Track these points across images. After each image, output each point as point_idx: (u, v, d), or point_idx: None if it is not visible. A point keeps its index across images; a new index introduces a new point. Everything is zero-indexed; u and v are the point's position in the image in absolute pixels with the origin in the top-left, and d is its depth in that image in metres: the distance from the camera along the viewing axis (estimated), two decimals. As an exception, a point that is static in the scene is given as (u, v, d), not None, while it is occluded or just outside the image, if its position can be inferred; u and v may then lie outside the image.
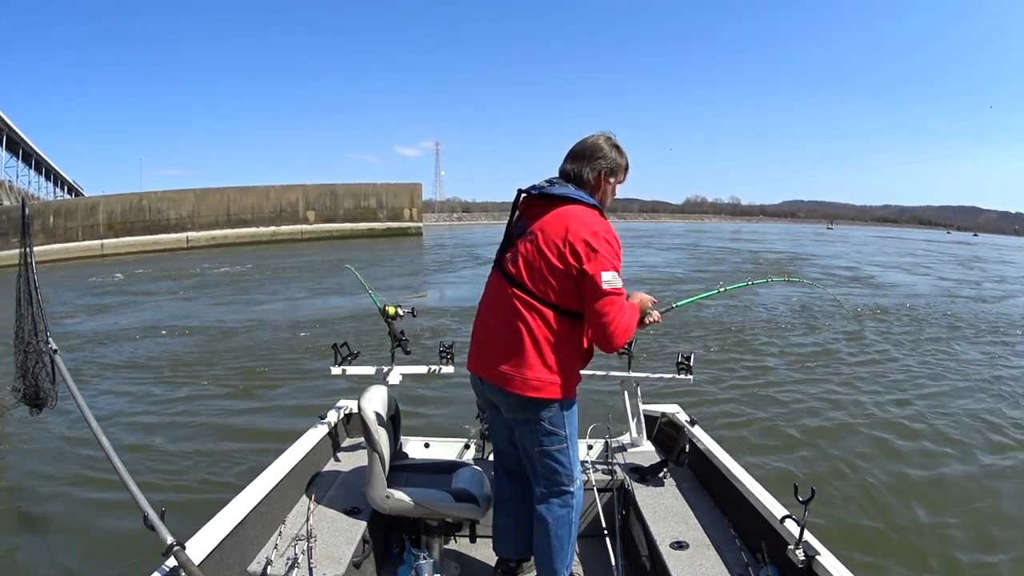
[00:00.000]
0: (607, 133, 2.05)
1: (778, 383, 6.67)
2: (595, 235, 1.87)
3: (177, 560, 1.62)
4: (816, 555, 1.75)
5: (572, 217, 1.91)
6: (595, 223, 1.91)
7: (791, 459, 4.66)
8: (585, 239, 1.86)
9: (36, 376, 1.92)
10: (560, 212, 1.93)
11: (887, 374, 7.23)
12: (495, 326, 1.98)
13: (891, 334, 9.66)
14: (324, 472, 2.67)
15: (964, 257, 34.32)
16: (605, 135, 2.05)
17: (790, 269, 20.99)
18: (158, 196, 31.74)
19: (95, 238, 28.40)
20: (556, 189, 1.96)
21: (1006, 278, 21.39)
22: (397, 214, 38.93)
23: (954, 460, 4.71)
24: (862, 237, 65.10)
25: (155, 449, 4.87)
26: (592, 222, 1.90)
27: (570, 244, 1.86)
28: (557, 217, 1.92)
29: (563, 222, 1.90)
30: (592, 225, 1.89)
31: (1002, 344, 9.19)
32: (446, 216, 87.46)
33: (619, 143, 2.05)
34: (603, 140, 2.02)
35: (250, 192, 34.62)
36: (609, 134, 2.05)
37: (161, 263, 23.39)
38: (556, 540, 2.05)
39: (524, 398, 1.93)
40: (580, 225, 1.88)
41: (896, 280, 18.91)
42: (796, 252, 31.86)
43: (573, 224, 1.89)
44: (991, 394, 6.49)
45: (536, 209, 1.99)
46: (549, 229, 1.91)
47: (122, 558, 3.17)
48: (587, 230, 1.87)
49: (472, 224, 78.47)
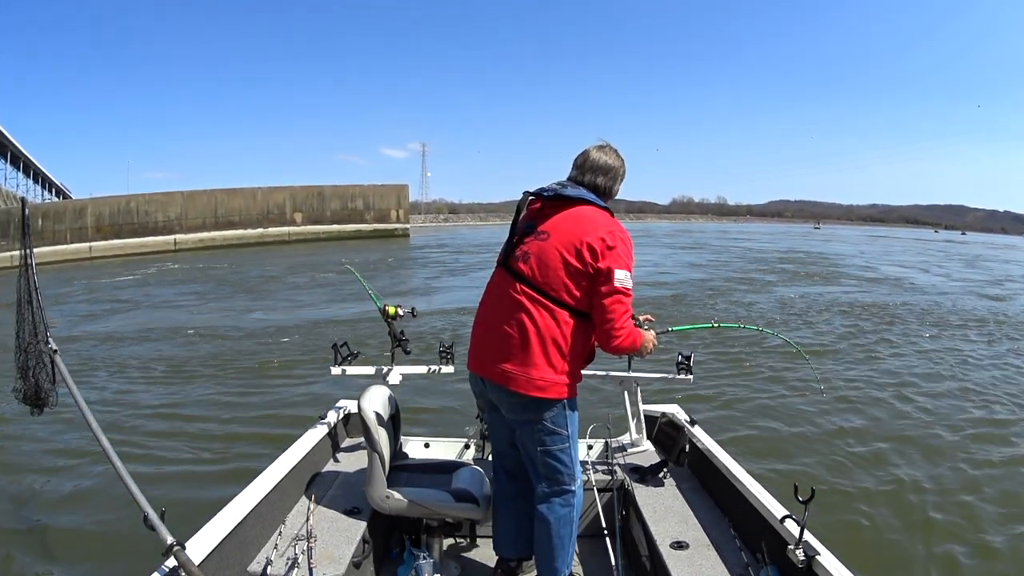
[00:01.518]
0: (611, 144, 2.14)
1: (779, 383, 6.71)
2: (611, 234, 1.94)
3: (177, 560, 1.63)
4: (816, 555, 1.77)
5: (587, 217, 1.97)
6: (610, 223, 1.98)
7: (791, 459, 4.69)
8: (602, 236, 1.92)
9: (36, 376, 1.93)
10: (574, 212, 1.99)
11: (888, 373, 7.30)
12: (499, 325, 2.00)
13: (891, 334, 9.75)
14: (324, 472, 2.69)
15: (969, 256, 35.20)
16: (610, 146, 2.13)
17: (824, 272, 21.13)
18: (146, 199, 31.76)
19: (83, 241, 28.28)
20: (570, 191, 2.01)
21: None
22: (384, 215, 39.25)
23: (954, 460, 4.75)
24: (855, 236, 65.82)
25: (155, 449, 4.88)
26: (607, 223, 1.98)
27: (587, 243, 1.91)
28: (572, 217, 1.98)
29: (579, 222, 1.96)
30: (608, 225, 1.96)
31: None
32: (432, 217, 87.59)
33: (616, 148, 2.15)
34: (614, 154, 2.11)
35: (237, 194, 34.67)
36: (613, 145, 2.14)
37: (149, 266, 23.30)
38: (558, 539, 2.08)
39: (528, 398, 1.95)
40: (596, 224, 1.95)
41: (917, 279, 19.25)
42: (822, 252, 32.37)
43: (590, 224, 1.95)
44: (993, 392, 6.57)
45: (548, 210, 2.03)
46: (564, 228, 1.96)
47: (122, 558, 3.18)
48: (604, 229, 1.94)
49: (458, 225, 78.74)
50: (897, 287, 17.10)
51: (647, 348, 2.12)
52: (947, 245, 51.58)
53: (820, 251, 33.85)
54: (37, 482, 4.36)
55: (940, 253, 37.70)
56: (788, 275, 19.59)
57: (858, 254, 32.86)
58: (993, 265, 28.81)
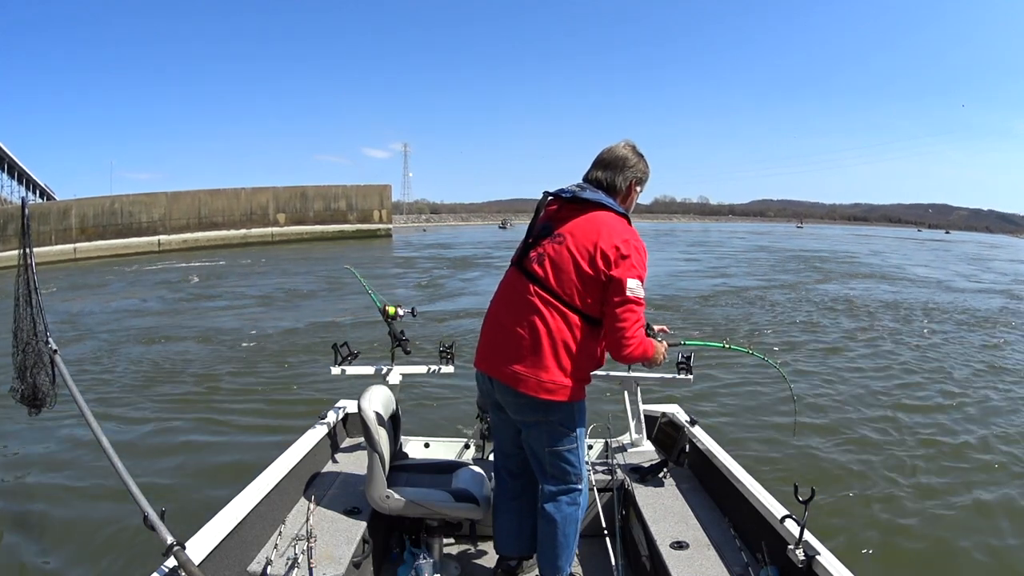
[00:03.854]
0: (630, 142, 2.14)
1: (778, 382, 6.74)
2: (626, 242, 1.95)
3: (177, 560, 1.65)
4: (816, 555, 1.79)
5: (604, 224, 1.98)
6: (625, 231, 1.99)
7: (791, 459, 4.75)
8: (616, 245, 1.93)
9: (35, 376, 1.95)
10: (591, 217, 2.00)
11: (890, 372, 7.40)
12: (511, 326, 2.01)
13: (888, 332, 9.86)
14: (324, 472, 2.72)
15: (973, 255, 35.78)
16: (630, 144, 2.13)
17: (858, 272, 21.41)
18: (130, 199, 31.78)
19: (68, 242, 28.14)
20: (588, 194, 2.02)
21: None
22: (367, 216, 39.60)
23: (955, 460, 4.82)
24: (838, 235, 66.39)
25: (155, 449, 4.93)
26: (623, 230, 1.98)
27: (601, 250, 1.93)
28: (588, 222, 1.99)
29: (595, 227, 1.97)
30: (623, 233, 1.97)
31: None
32: (414, 218, 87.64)
33: (641, 152, 2.14)
34: (631, 150, 2.11)
35: (221, 195, 34.84)
36: (632, 143, 2.14)
37: (139, 267, 23.20)
38: (563, 538, 2.12)
39: (537, 400, 1.97)
40: (612, 232, 1.96)
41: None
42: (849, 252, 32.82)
43: (605, 230, 1.96)
44: (992, 390, 6.68)
45: (565, 213, 2.05)
46: (580, 233, 1.97)
47: (122, 558, 3.22)
48: (619, 237, 1.95)
49: (440, 226, 78.92)
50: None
51: (657, 359, 2.14)
52: (952, 245, 52.31)
53: (847, 250, 34.35)
54: (37, 482, 4.40)
55: (948, 253, 38.30)
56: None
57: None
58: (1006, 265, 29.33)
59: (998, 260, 33.89)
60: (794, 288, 16.26)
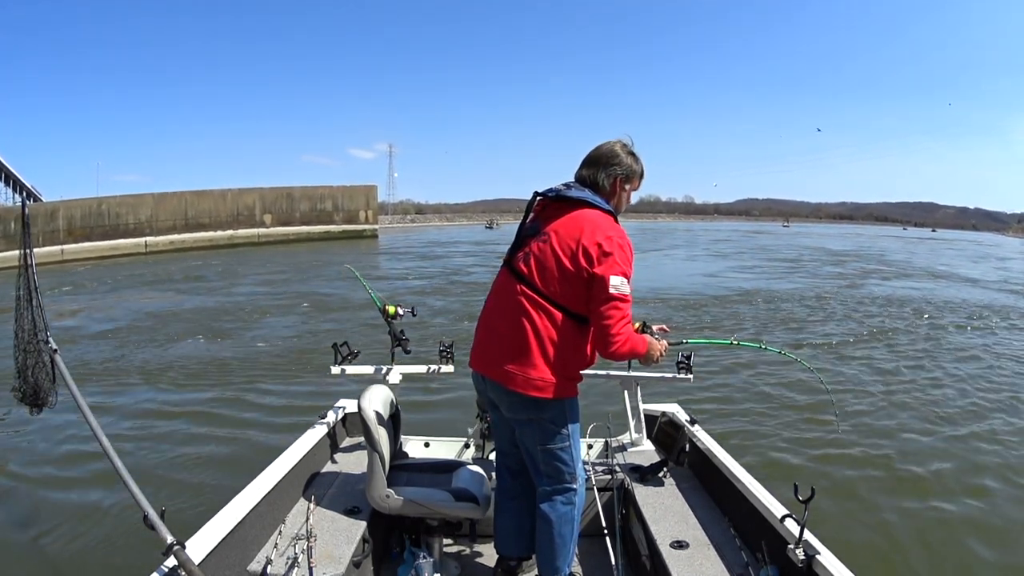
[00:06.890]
0: (623, 140, 2.16)
1: (779, 382, 6.83)
2: (609, 239, 1.97)
3: (177, 559, 1.68)
4: (816, 555, 1.82)
5: (587, 221, 2.01)
6: (609, 228, 2.01)
7: (791, 459, 4.79)
8: (599, 242, 1.96)
9: (36, 376, 1.98)
10: (575, 215, 2.03)
11: (891, 371, 7.48)
12: (501, 325, 2.07)
13: (891, 332, 9.93)
14: (324, 472, 2.75)
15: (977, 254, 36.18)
16: (621, 142, 2.15)
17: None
18: (117, 201, 31.87)
19: (55, 244, 28.06)
20: (573, 192, 2.06)
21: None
22: (353, 216, 39.97)
23: (955, 460, 4.87)
24: (826, 233, 66.64)
25: (155, 449, 4.98)
26: (606, 227, 2.01)
27: (583, 247, 1.96)
28: (572, 220, 2.03)
29: (578, 225, 2.00)
30: (607, 230, 2.00)
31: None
32: (400, 218, 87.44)
33: (634, 150, 2.16)
34: (619, 147, 2.13)
35: (207, 196, 35.04)
36: (625, 141, 2.16)
37: (132, 268, 23.19)
38: (559, 538, 2.15)
39: (527, 397, 2.02)
40: (594, 229, 1.98)
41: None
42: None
43: (588, 227, 1.99)
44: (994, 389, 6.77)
45: (551, 211, 2.09)
46: (563, 231, 2.01)
47: (122, 557, 3.25)
48: (601, 234, 1.97)
49: (425, 226, 79.15)
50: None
51: (653, 356, 2.17)
52: (946, 243, 52.77)
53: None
54: (37, 482, 4.45)
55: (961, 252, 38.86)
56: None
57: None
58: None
59: (994, 258, 34.38)
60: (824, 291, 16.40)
